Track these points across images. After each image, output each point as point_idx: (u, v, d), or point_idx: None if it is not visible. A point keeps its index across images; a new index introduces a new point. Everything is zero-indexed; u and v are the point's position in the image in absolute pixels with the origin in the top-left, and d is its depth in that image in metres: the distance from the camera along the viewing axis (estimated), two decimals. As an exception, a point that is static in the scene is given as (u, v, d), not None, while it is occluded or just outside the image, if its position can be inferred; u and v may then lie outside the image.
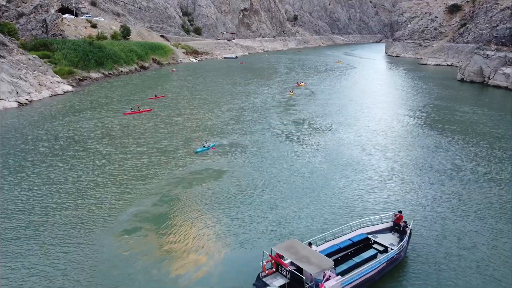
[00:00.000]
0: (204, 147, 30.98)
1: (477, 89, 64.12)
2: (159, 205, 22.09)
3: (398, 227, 18.39)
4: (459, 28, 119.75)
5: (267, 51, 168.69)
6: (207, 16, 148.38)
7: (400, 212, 18.89)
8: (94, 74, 71.00)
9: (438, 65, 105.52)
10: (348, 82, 76.43)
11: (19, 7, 74.14)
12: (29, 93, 50.74)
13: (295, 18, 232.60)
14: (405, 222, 18.34)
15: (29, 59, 56.35)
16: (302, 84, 69.68)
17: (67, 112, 45.32)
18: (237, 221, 20.41)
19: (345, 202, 22.69)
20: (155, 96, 55.30)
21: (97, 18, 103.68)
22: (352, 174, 27.09)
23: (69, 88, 59.56)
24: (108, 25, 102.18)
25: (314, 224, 20.16)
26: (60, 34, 78.38)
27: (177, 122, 41.76)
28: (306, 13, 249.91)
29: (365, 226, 18.42)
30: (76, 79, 65.59)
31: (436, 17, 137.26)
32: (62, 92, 57.02)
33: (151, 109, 47.99)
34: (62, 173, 26.78)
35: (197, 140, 31.11)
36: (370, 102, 54.49)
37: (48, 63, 63.38)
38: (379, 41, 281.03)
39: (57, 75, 60.58)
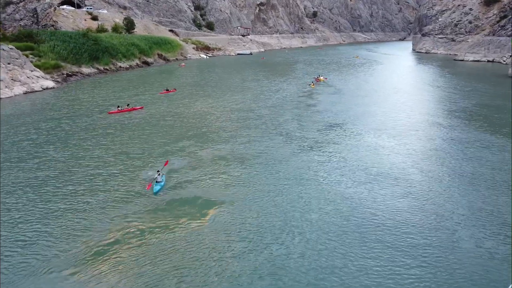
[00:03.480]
0: (158, 182, 19.35)
1: (537, 87, 52.92)
2: None
3: None
4: (498, 21, 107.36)
5: (284, 48, 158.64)
6: (221, 11, 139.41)
7: None
8: (86, 69, 62.50)
9: (477, 61, 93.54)
10: (376, 78, 66.01)
11: (7, -6, 66.53)
12: (-5, 89, 42.38)
13: (314, 14, 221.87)
14: None
15: (3, 50, 48.05)
16: (322, 78, 60.46)
17: (33, 112, 36.59)
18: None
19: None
20: (167, 90, 48.58)
21: (100, 11, 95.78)
22: (412, 223, 17.14)
23: (51, 84, 51.05)
24: (111, 17, 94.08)
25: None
26: (52, 25, 70.50)
27: (166, 125, 32.48)
28: (326, 9, 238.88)
29: None
30: (63, 74, 57.14)
31: (471, 9, 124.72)
32: (41, 89, 48.49)
33: (142, 107, 39.57)
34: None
35: (148, 187, 19.22)
36: (409, 101, 44.12)
37: (31, 56, 55.13)
38: (402, 39, 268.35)
39: (38, 70, 52.16)
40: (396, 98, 45.78)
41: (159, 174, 19.65)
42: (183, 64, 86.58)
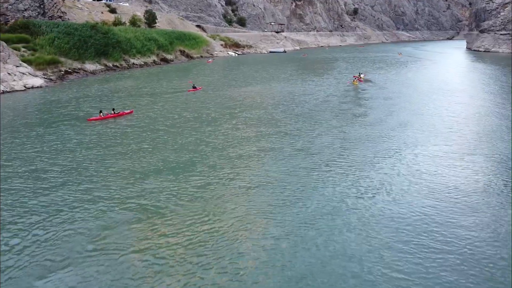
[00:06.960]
0: None
1: None
2: None
3: None
4: None
5: (322, 46, 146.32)
6: (254, 6, 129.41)
7: None
8: (90, 66, 54.08)
9: (555, 60, 78.30)
10: (433, 80, 53.45)
11: (10, -18, 59.26)
12: (-41, 87, 34.25)
13: (355, 11, 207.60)
14: None
15: (-19, 41, 40.29)
16: (363, 76, 50.39)
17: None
18: None
19: None
20: (194, 87, 42.57)
21: (120, 3, 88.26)
22: None
23: (39, 82, 42.71)
24: (132, 11, 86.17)
25: None
26: (60, 17, 62.81)
27: (150, 139, 22.52)
28: (367, 6, 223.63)
29: None
30: (60, 71, 48.84)
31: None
32: (23, 88, 40.17)
33: (131, 111, 30.49)
34: None
35: None
36: (492, 111, 32.08)
37: (23, 49, 47.38)
38: (450, 38, 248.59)
39: (27, 65, 44.12)
40: (471, 105, 33.77)
41: None
42: (210, 60, 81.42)
